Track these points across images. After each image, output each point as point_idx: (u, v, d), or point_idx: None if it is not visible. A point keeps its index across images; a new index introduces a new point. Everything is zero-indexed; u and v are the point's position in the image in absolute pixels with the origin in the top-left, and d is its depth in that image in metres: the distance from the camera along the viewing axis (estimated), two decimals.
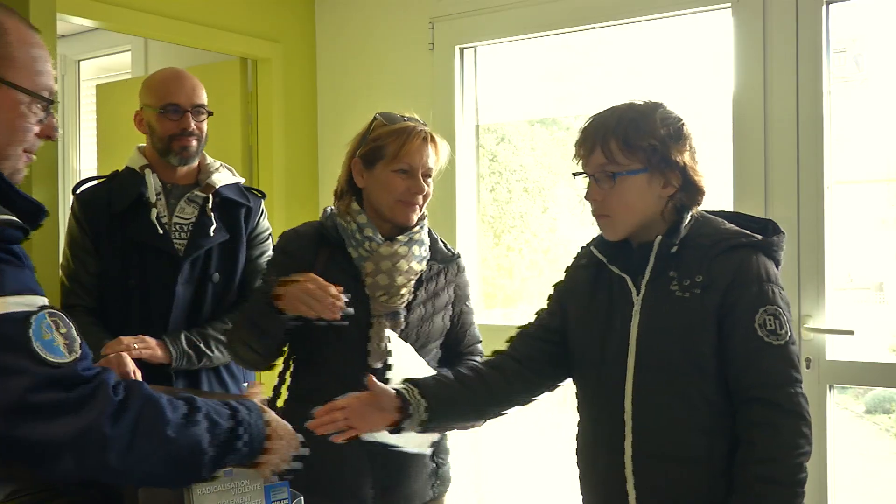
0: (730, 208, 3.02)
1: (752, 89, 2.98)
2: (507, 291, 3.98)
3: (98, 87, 4.38)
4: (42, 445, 1.26)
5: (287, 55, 3.88)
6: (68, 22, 3.25)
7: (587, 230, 1.99)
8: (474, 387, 1.89)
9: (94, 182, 2.61)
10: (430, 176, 2.16)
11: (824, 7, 2.88)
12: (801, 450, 1.64)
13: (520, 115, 3.88)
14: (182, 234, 2.52)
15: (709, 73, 3.35)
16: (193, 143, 2.52)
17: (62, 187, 4.90)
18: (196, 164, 2.59)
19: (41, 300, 1.29)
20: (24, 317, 1.25)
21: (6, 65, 1.36)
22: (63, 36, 4.89)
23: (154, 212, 2.48)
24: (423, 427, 1.85)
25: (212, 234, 2.51)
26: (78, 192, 2.59)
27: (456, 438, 2.36)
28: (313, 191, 4.00)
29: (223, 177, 2.60)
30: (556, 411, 3.76)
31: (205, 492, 1.59)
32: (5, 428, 1.24)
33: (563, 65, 3.75)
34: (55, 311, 1.30)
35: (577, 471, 1.93)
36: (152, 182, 2.51)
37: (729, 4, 3.02)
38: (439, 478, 2.24)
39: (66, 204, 4.98)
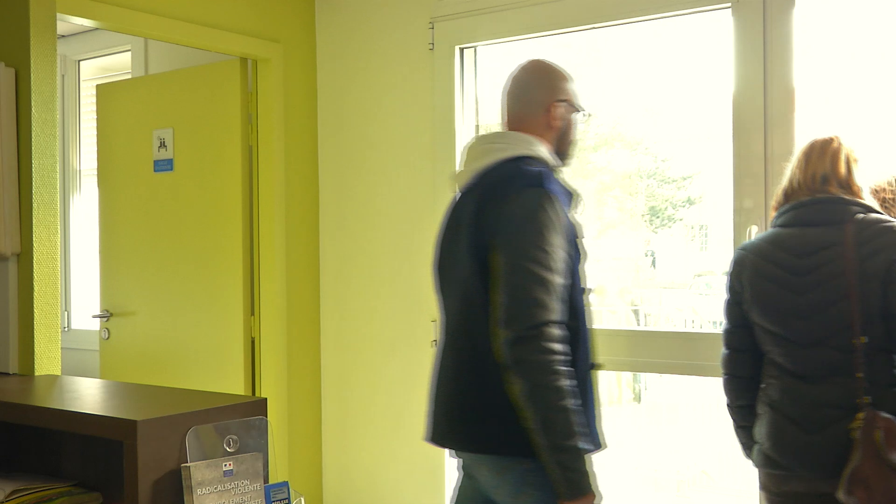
0: (729, 207, 3.04)
1: (752, 89, 2.98)
2: None
3: (98, 87, 4.38)
4: None
5: (287, 55, 3.88)
6: (68, 22, 3.25)
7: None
8: None
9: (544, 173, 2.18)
10: None
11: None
12: None
13: None
14: None
15: (709, 73, 3.35)
16: None
17: (62, 188, 4.90)
18: None
19: None
20: None
21: None
22: (63, 36, 4.89)
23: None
24: None
25: None
26: (546, 185, 2.13)
27: None
28: (313, 191, 4.00)
29: None
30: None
31: (205, 492, 1.59)
32: None
33: (564, 65, 3.74)
34: None
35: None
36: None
37: (729, 4, 3.02)
38: None
39: (66, 205, 4.98)
